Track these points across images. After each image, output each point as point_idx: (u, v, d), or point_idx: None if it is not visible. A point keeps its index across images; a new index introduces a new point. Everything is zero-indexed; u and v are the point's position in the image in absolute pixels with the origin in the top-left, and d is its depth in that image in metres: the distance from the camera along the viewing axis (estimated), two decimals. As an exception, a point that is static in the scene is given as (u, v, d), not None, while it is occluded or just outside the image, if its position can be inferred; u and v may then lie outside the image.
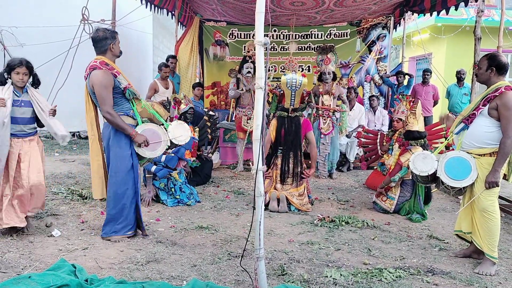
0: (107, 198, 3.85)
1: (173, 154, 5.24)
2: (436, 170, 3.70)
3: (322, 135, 6.86)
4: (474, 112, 3.51)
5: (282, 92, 5.44)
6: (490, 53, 3.62)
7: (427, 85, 8.71)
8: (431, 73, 8.76)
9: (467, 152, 3.54)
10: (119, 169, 3.74)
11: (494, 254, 3.49)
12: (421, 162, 3.86)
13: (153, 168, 5.10)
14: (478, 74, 3.59)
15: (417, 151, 4.65)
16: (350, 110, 7.65)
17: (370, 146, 6.35)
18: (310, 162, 5.36)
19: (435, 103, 8.83)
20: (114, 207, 3.79)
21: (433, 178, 3.83)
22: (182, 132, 4.03)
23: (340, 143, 7.27)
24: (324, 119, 6.86)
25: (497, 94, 3.39)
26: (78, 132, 9.87)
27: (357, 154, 7.72)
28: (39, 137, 4.10)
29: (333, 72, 6.84)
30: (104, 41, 3.71)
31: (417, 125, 5.02)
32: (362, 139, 6.53)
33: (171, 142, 3.96)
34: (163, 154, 5.11)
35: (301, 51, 8.97)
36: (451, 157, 3.59)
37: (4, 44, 9.19)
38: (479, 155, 3.48)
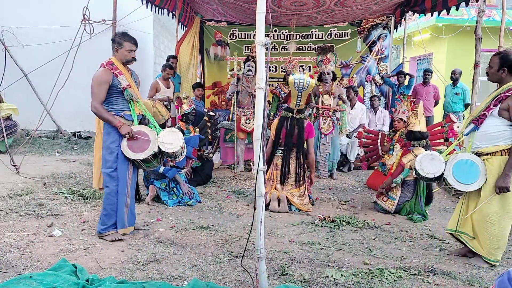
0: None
1: None
2: (443, 172, 3.66)
3: (322, 135, 6.86)
4: (484, 112, 3.43)
5: (282, 92, 5.46)
6: (503, 51, 3.50)
7: (428, 85, 8.71)
8: (431, 73, 8.76)
9: (478, 152, 3.48)
10: (107, 165, 3.83)
11: (495, 258, 3.47)
12: (428, 163, 3.79)
13: (162, 169, 5.10)
14: (490, 73, 3.48)
15: (419, 151, 4.65)
16: (351, 109, 7.65)
17: (371, 146, 6.35)
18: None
19: (436, 103, 8.84)
20: (104, 203, 3.88)
21: (438, 176, 3.78)
22: (172, 140, 3.91)
23: (340, 143, 7.26)
24: (324, 119, 6.86)
25: (509, 94, 3.31)
26: (79, 132, 9.88)
27: (358, 154, 7.72)
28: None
29: (332, 72, 6.83)
30: (113, 43, 3.90)
31: (419, 125, 5.01)
32: (363, 139, 6.53)
33: (159, 149, 3.88)
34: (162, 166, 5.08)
35: (301, 51, 8.97)
36: (461, 159, 3.53)
37: (5, 44, 9.21)
38: (490, 153, 3.42)
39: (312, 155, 5.33)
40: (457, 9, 6.74)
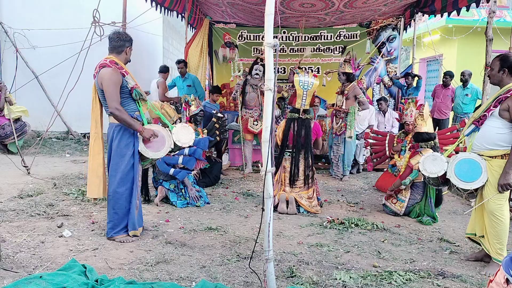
0: (108, 197, 3.89)
1: (190, 155, 5.26)
2: (446, 172, 3.67)
3: (334, 135, 6.90)
4: (484, 113, 3.47)
5: (290, 93, 5.52)
6: (503, 54, 3.58)
7: (447, 88, 8.67)
8: (450, 76, 8.68)
9: (478, 154, 3.51)
10: (119, 169, 3.78)
11: (502, 258, 3.45)
12: (430, 163, 3.83)
13: (171, 170, 5.11)
14: (491, 75, 3.56)
15: (427, 153, 4.62)
16: (360, 111, 7.63)
17: (377, 147, 6.30)
18: (319, 164, 5.38)
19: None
20: (114, 206, 3.83)
21: (445, 180, 3.80)
22: (186, 135, 4.05)
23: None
24: (337, 120, 6.90)
25: (509, 95, 3.35)
26: (89, 133, 9.95)
27: (363, 154, 7.68)
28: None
29: (348, 73, 6.84)
30: (123, 42, 3.82)
31: (425, 126, 4.97)
32: (370, 140, 6.49)
33: (175, 144, 3.97)
34: (179, 155, 5.14)
35: (310, 52, 8.95)
36: (462, 159, 3.55)
37: (16, 46, 9.32)
38: (490, 157, 3.44)
39: (320, 146, 5.47)
40: (467, 10, 6.68)
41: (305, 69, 8.61)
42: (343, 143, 6.88)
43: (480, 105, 7.52)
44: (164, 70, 8.48)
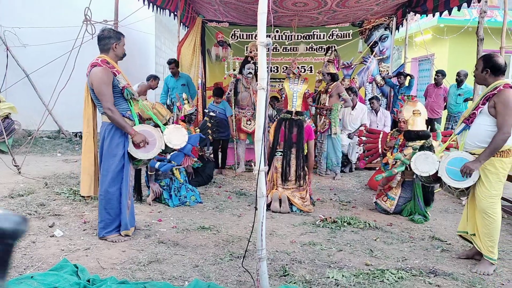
0: (99, 197, 3.86)
1: (179, 151, 5.23)
2: (438, 171, 3.70)
3: (318, 133, 6.99)
4: (474, 111, 3.50)
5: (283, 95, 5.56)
6: (486, 54, 3.61)
7: (439, 88, 8.71)
8: (441, 74, 8.72)
9: (470, 153, 3.53)
10: (110, 168, 3.76)
11: (493, 256, 3.48)
12: (422, 162, 3.87)
13: (157, 164, 5.08)
14: (475, 75, 3.60)
15: (408, 152, 4.68)
16: (352, 110, 7.67)
17: (370, 144, 6.33)
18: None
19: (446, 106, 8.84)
20: (105, 206, 3.81)
21: (437, 178, 3.83)
22: (178, 136, 4.01)
23: (342, 144, 7.27)
24: (320, 118, 7.03)
25: (496, 92, 3.39)
26: (80, 132, 9.89)
27: (357, 152, 7.70)
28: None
29: (332, 73, 6.95)
30: (108, 40, 3.77)
31: (410, 125, 4.98)
32: (363, 138, 6.51)
33: (166, 145, 3.93)
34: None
35: (304, 51, 8.96)
36: (453, 158, 3.58)
37: (7, 44, 9.23)
38: None
39: (312, 157, 5.40)
40: (458, 10, 6.72)
41: (298, 68, 8.62)
42: (327, 141, 6.98)
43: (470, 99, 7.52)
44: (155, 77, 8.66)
